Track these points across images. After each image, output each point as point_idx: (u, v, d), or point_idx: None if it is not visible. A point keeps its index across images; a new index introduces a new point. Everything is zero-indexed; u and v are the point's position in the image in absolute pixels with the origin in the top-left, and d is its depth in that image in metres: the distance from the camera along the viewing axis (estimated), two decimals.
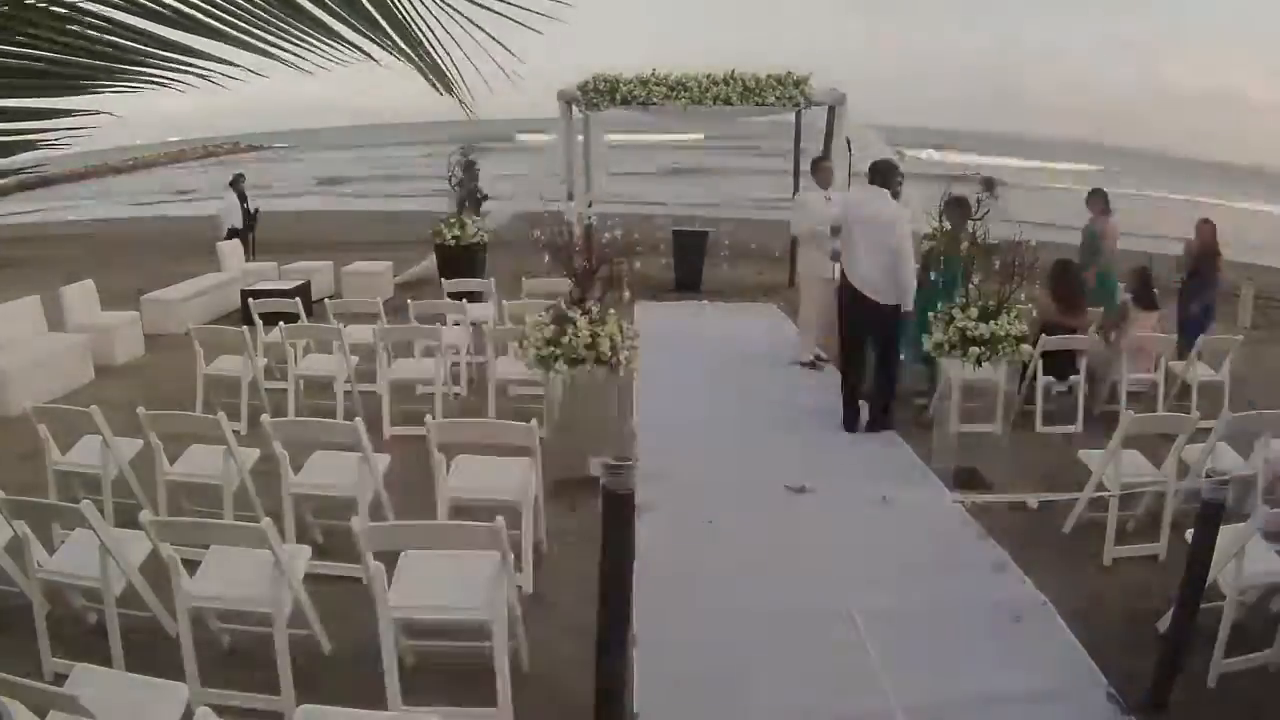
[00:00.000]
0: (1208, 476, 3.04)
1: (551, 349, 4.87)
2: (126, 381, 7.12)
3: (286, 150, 54.16)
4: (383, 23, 1.59)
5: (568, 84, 9.98)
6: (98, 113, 1.58)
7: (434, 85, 1.67)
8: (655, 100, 9.71)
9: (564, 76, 9.92)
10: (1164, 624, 3.45)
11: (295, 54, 1.57)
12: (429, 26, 1.58)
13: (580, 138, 10.61)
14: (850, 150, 9.61)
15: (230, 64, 1.56)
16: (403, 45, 1.62)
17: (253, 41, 1.54)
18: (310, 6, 1.54)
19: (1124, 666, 3.36)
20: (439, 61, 1.63)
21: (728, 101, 9.66)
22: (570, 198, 10.29)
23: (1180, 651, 3.16)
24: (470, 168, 10.46)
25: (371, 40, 1.60)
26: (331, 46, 1.59)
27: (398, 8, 1.59)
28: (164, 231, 17.44)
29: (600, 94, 9.73)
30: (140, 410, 4.18)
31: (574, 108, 10.11)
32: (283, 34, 1.55)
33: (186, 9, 1.48)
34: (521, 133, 32.14)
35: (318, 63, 1.60)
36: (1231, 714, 3.21)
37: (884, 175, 6.05)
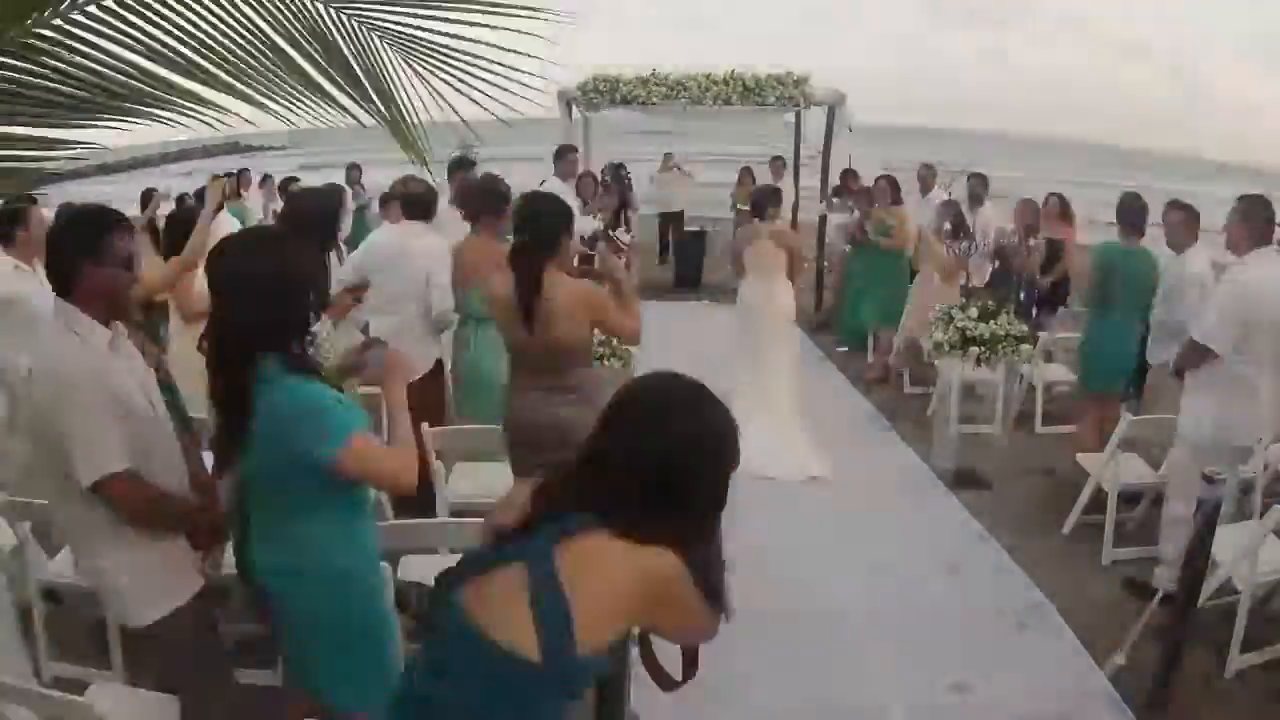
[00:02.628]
0: (1205, 477, 3.05)
1: None
2: None
3: (282, 151, 53.87)
4: (365, 83, 1.67)
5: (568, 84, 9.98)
6: (92, 145, 1.66)
7: (402, 147, 1.78)
8: (655, 100, 9.70)
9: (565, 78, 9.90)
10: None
11: (285, 106, 1.64)
12: (406, 81, 1.68)
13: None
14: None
15: (222, 109, 1.63)
16: (380, 106, 1.70)
17: (247, 91, 1.61)
18: (300, 60, 1.61)
19: (1124, 666, 3.36)
20: (412, 122, 1.71)
21: (728, 101, 9.65)
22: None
23: (1180, 651, 3.16)
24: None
25: (354, 100, 1.68)
26: (317, 104, 1.67)
27: (379, 70, 1.67)
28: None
29: (600, 94, 9.72)
30: None
31: (574, 108, 10.10)
32: (274, 87, 1.62)
33: (189, 53, 1.56)
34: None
35: (304, 118, 1.68)
36: (1232, 713, 3.22)
37: None
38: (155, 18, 1.52)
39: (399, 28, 1.64)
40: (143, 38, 1.53)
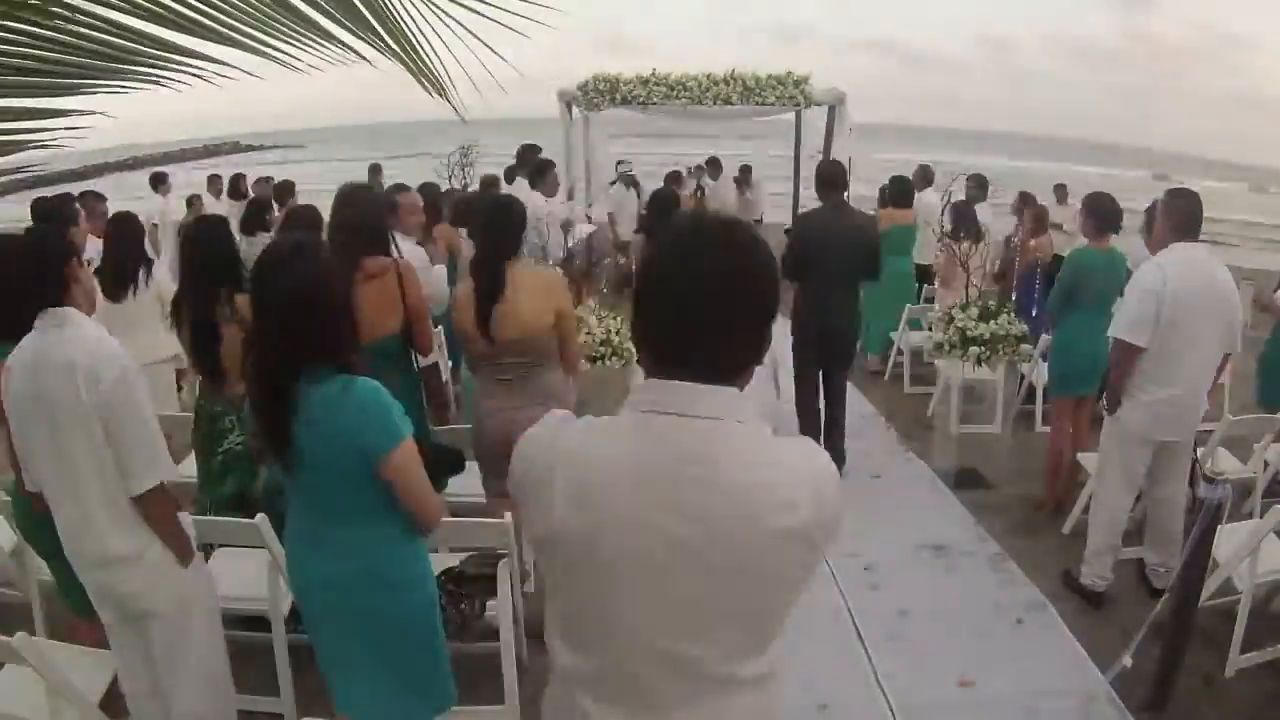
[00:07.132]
0: (1205, 478, 3.05)
1: None
2: None
3: (285, 151, 54.08)
4: (375, 24, 1.60)
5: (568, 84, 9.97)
6: (93, 113, 1.57)
7: (425, 88, 1.67)
8: (655, 100, 9.70)
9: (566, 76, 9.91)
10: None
11: (288, 54, 1.57)
12: (421, 30, 1.58)
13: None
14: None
15: (224, 64, 1.56)
16: (394, 47, 1.62)
17: (245, 40, 1.54)
18: (303, 7, 1.54)
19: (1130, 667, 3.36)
20: (431, 65, 1.63)
21: (728, 101, 9.64)
22: (570, 198, 10.29)
23: (1180, 651, 3.16)
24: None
25: (363, 40, 1.60)
26: (324, 46, 1.59)
27: (389, 9, 1.59)
28: None
29: (600, 94, 9.71)
30: None
31: (573, 108, 10.09)
32: (276, 33, 1.56)
33: (180, 8, 1.48)
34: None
35: (311, 62, 1.60)
36: (1232, 713, 3.22)
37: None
38: None
39: None
40: None
